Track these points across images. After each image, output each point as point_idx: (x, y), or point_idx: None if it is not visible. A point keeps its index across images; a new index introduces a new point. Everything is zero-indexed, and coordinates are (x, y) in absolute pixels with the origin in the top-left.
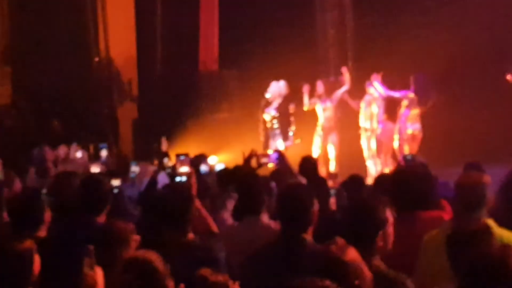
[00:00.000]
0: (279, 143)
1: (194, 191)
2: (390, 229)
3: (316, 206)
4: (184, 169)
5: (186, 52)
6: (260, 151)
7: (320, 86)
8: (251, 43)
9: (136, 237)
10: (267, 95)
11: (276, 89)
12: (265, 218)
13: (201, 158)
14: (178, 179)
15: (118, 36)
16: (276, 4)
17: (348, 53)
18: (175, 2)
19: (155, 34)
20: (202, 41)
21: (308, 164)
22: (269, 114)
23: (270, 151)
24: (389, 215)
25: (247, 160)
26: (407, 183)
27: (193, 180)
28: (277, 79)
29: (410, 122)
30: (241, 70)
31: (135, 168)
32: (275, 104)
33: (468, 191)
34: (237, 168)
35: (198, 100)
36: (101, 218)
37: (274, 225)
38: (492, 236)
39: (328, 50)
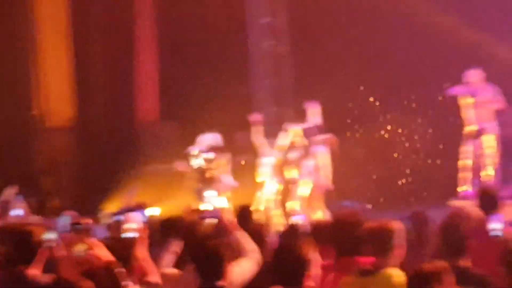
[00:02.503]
0: (209, 195)
1: (145, 245)
2: (316, 270)
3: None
4: (133, 225)
5: (125, 103)
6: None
7: None
8: (191, 93)
9: None
10: (196, 148)
11: (206, 141)
12: None
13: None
14: (127, 235)
15: (56, 90)
16: (214, 55)
17: (286, 102)
18: (113, 52)
19: (93, 86)
20: (141, 92)
21: (243, 213)
22: (199, 165)
23: (209, 206)
24: (315, 256)
25: (189, 213)
26: (347, 229)
27: (145, 234)
28: (217, 129)
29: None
30: (182, 121)
31: (64, 222)
32: (206, 155)
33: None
34: (179, 218)
35: (137, 151)
36: (33, 271)
37: None
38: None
39: (264, 99)
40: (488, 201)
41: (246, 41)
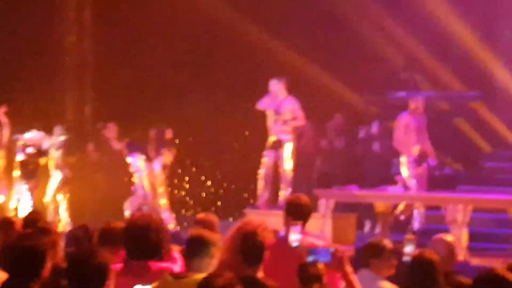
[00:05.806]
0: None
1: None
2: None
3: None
4: None
5: None
6: None
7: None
8: None
9: None
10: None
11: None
12: None
13: None
14: None
15: None
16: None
17: (86, 97)
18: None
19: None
20: None
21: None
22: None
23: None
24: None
25: None
26: (140, 233)
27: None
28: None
29: None
30: None
31: None
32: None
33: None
34: None
35: None
36: None
37: None
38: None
39: (66, 93)
40: (295, 210)
41: None
